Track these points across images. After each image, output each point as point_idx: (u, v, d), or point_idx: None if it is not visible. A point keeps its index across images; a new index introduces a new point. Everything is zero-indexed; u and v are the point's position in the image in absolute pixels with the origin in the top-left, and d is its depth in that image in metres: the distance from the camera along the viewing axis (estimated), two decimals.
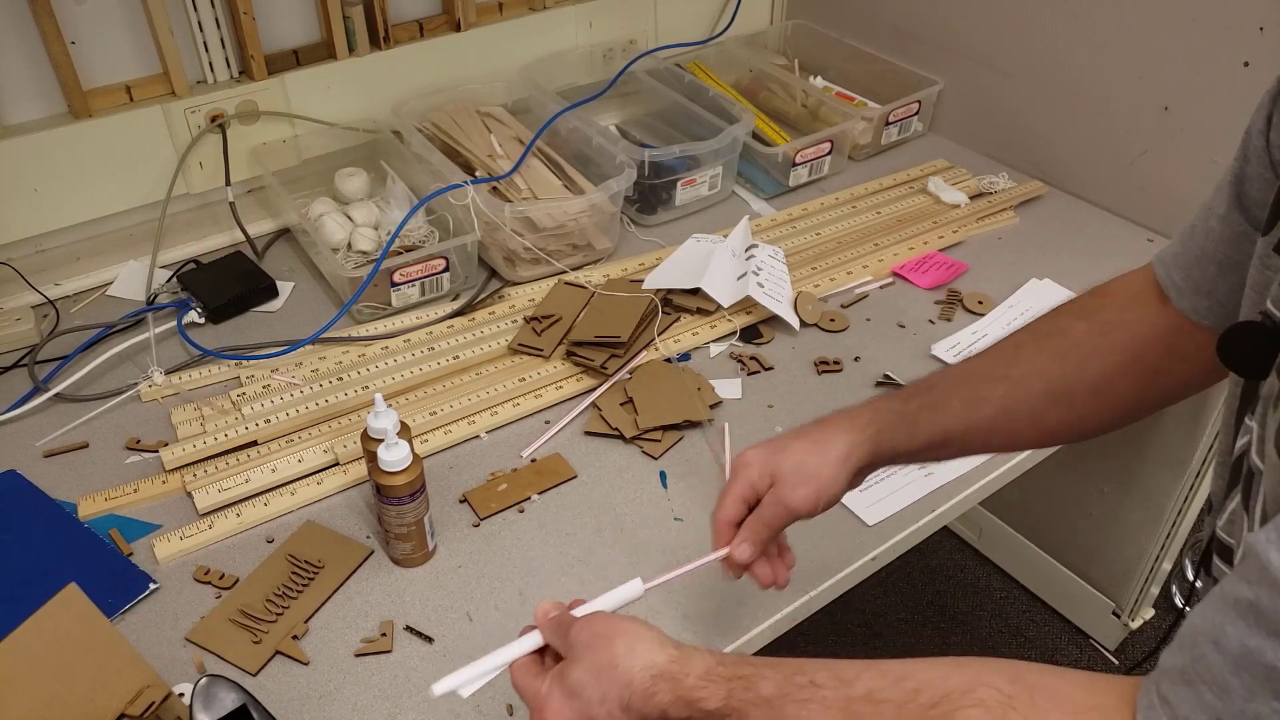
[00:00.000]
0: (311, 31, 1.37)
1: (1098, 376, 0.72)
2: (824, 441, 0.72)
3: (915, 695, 0.52)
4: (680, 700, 0.56)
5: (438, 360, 1.14)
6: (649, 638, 0.59)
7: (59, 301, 1.22)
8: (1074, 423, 0.74)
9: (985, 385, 0.74)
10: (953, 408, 0.73)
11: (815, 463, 0.71)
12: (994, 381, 0.74)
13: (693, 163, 1.37)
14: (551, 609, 0.65)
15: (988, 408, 0.73)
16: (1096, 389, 0.72)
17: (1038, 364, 0.73)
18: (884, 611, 1.83)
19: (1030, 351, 0.74)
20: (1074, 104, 1.42)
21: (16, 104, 1.20)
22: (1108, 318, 0.73)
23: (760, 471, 0.72)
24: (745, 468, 0.73)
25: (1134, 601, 1.67)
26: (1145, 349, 0.71)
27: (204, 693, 0.72)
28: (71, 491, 0.98)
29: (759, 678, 0.56)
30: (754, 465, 0.73)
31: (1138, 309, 0.72)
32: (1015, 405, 0.73)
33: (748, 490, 0.73)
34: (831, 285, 1.28)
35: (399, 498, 0.86)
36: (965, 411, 0.73)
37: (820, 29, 1.73)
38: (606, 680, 0.58)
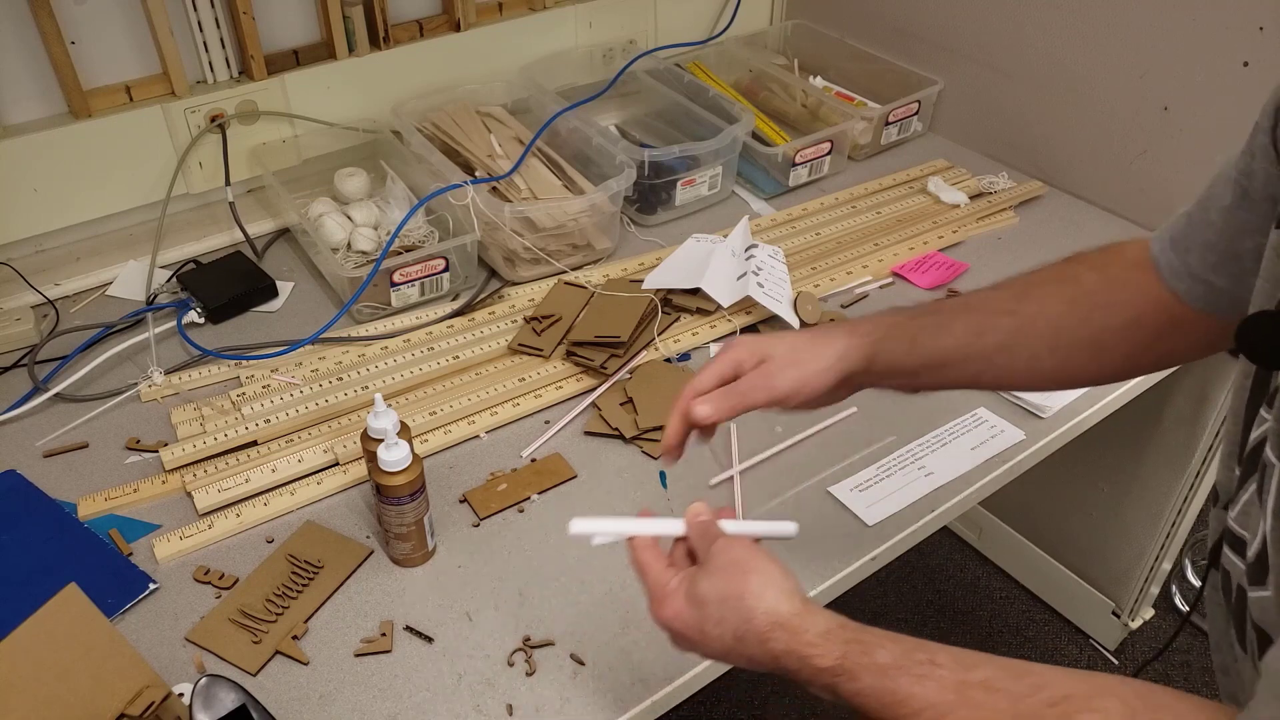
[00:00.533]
0: (311, 31, 1.37)
1: (1100, 329, 0.72)
2: (821, 335, 0.72)
3: (1035, 690, 0.52)
4: (793, 653, 0.58)
5: (438, 360, 1.14)
6: (781, 584, 0.61)
7: (59, 301, 1.22)
8: (1068, 371, 0.74)
9: (992, 316, 0.74)
10: (956, 331, 0.73)
11: (808, 351, 0.71)
12: (1001, 315, 0.74)
13: (693, 163, 1.37)
14: (703, 511, 0.67)
15: (990, 339, 0.73)
16: (1096, 341, 0.72)
17: (1047, 305, 0.73)
18: (884, 611, 1.83)
19: (1041, 293, 0.74)
20: (1074, 104, 1.42)
21: (16, 104, 1.20)
22: (1117, 274, 0.73)
23: (750, 351, 0.72)
24: (734, 347, 0.72)
25: (1134, 601, 1.67)
26: (1148, 312, 0.71)
27: (204, 693, 0.72)
28: (71, 491, 0.98)
29: (877, 645, 0.57)
30: (743, 345, 0.72)
31: (1142, 272, 0.72)
32: (1017, 342, 0.73)
33: (729, 367, 0.72)
34: (831, 285, 1.28)
35: (399, 498, 0.86)
36: (968, 338, 0.73)
37: (820, 29, 1.73)
38: (729, 608, 0.60)
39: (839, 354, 0.71)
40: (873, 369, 0.72)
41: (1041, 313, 0.73)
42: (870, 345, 0.72)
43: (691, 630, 0.62)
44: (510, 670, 0.83)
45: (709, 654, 0.63)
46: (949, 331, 0.73)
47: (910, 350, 0.73)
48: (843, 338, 0.72)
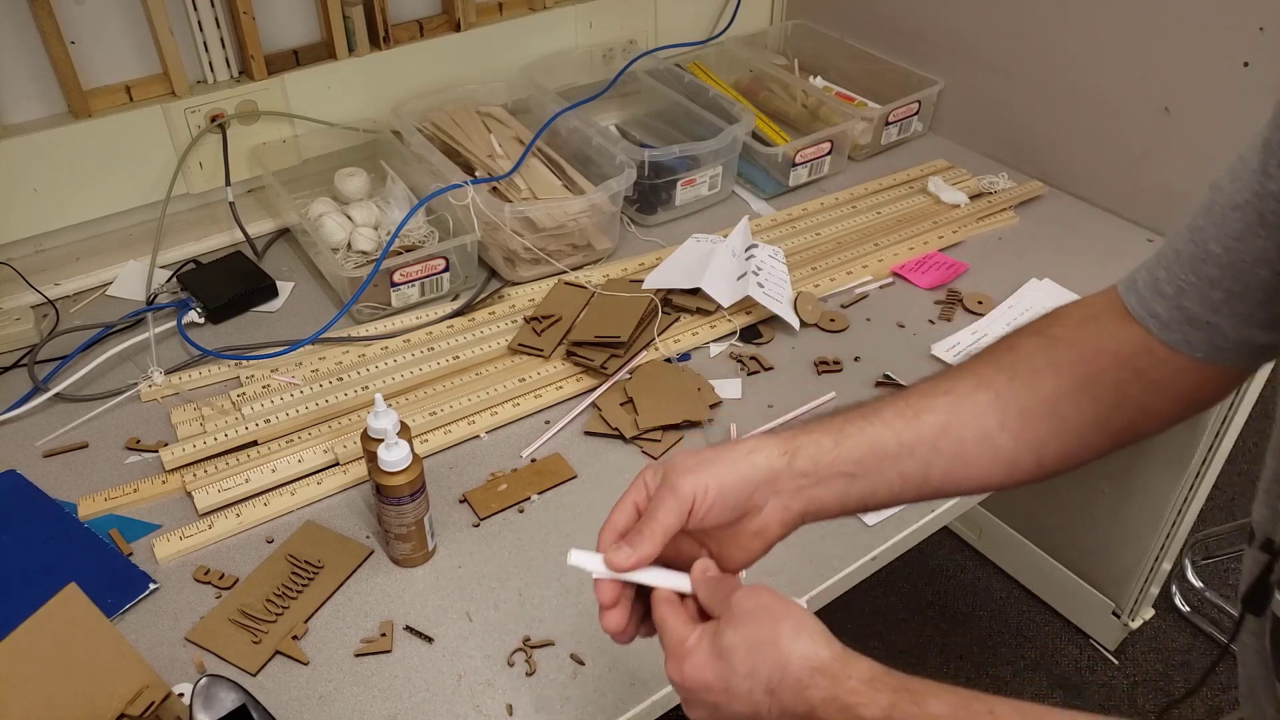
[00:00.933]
0: (311, 31, 1.37)
1: (1052, 393, 0.65)
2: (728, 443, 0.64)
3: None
4: (835, 701, 0.52)
5: (438, 360, 1.14)
6: (815, 629, 0.55)
7: (59, 301, 1.22)
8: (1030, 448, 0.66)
9: (924, 398, 0.66)
10: (885, 417, 0.65)
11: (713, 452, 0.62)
12: (935, 395, 0.66)
13: (693, 163, 1.37)
14: (710, 566, 0.61)
15: (928, 419, 0.64)
16: (1052, 408, 0.65)
17: (984, 375, 0.66)
18: (884, 611, 1.83)
19: (975, 366, 0.68)
20: (1074, 104, 1.42)
21: (16, 104, 1.20)
22: (1059, 333, 0.67)
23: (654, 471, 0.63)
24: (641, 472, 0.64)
25: (1134, 601, 1.67)
26: (1105, 367, 0.65)
27: (204, 693, 0.72)
28: (71, 491, 0.98)
29: (929, 694, 0.51)
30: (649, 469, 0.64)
31: (1093, 326, 0.67)
32: (960, 419, 0.65)
33: (639, 494, 0.63)
34: (831, 285, 1.28)
35: (399, 498, 0.86)
36: (900, 423, 0.64)
37: (820, 29, 1.73)
38: (761, 656, 0.54)
39: (748, 449, 0.62)
40: (796, 466, 0.62)
41: (979, 383, 0.66)
42: (786, 440, 0.63)
43: (717, 686, 0.56)
44: (510, 670, 0.83)
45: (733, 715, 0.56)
46: (878, 417, 0.65)
47: (837, 443, 0.63)
48: (755, 438, 0.64)
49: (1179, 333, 0.63)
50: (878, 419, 0.64)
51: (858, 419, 0.65)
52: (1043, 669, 1.73)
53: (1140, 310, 0.65)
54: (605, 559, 0.60)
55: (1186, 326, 0.63)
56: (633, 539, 0.60)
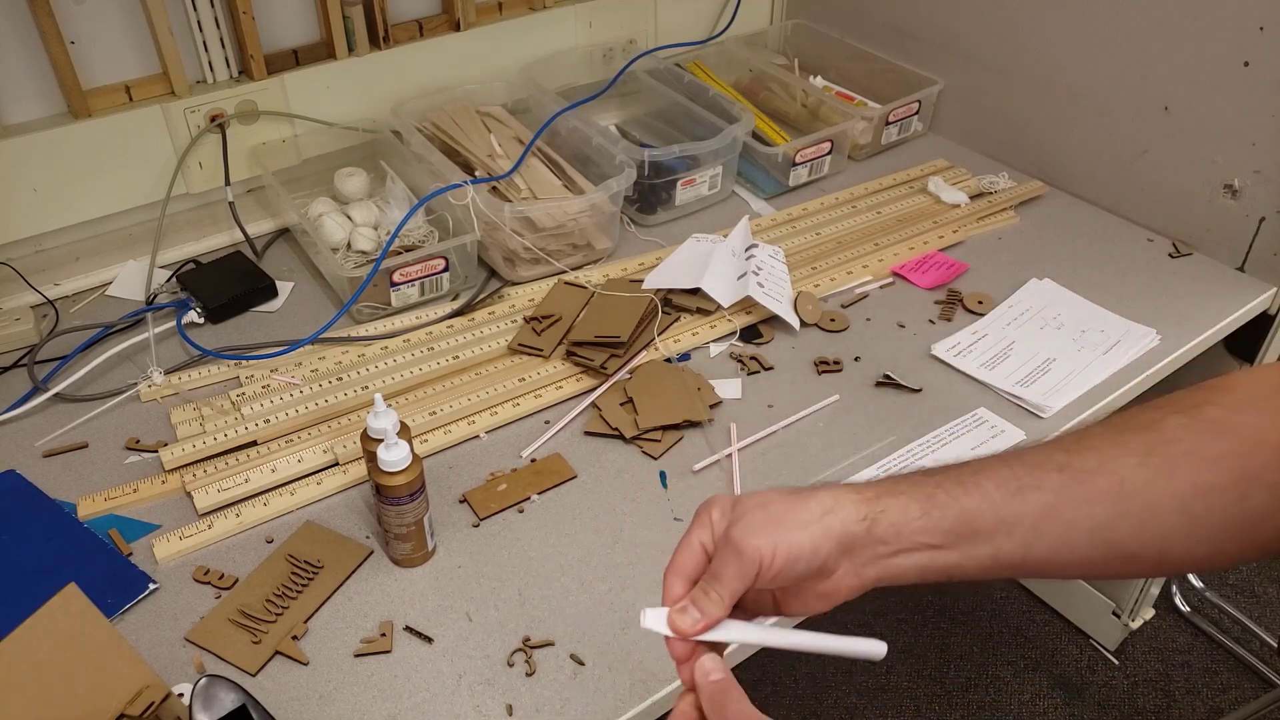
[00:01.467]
0: (311, 31, 1.37)
1: (1190, 487, 0.54)
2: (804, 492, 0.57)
3: None
4: None
5: (437, 360, 1.14)
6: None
7: (58, 301, 1.22)
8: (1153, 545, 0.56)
9: (1034, 471, 0.57)
10: (984, 488, 0.56)
11: (784, 506, 0.56)
12: (1047, 470, 0.56)
13: (693, 163, 1.37)
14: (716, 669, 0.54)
15: (1034, 498, 0.56)
16: (1185, 506, 0.55)
17: (1110, 457, 0.56)
18: (884, 611, 1.83)
19: (1103, 442, 0.57)
20: (1074, 104, 1.42)
21: (16, 104, 1.20)
22: (1216, 414, 0.56)
23: (721, 509, 0.58)
24: (707, 507, 0.59)
25: (1134, 601, 1.67)
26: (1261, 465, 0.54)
27: (203, 693, 0.72)
28: (71, 491, 0.98)
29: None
30: (717, 504, 0.58)
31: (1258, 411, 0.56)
32: (1072, 505, 0.56)
33: (705, 534, 0.58)
34: (831, 285, 1.28)
35: (399, 498, 0.86)
36: (1001, 496, 0.56)
37: (820, 29, 1.73)
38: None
39: (825, 507, 0.56)
40: (876, 534, 0.56)
41: (1103, 467, 0.56)
42: (869, 501, 0.56)
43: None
44: (510, 670, 0.83)
45: None
46: (976, 487, 0.56)
47: (926, 511, 0.56)
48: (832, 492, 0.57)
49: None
50: (976, 489, 0.56)
51: (953, 485, 0.57)
52: (1043, 669, 1.73)
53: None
54: (670, 622, 0.56)
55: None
56: (699, 601, 0.55)
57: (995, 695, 1.70)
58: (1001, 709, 1.68)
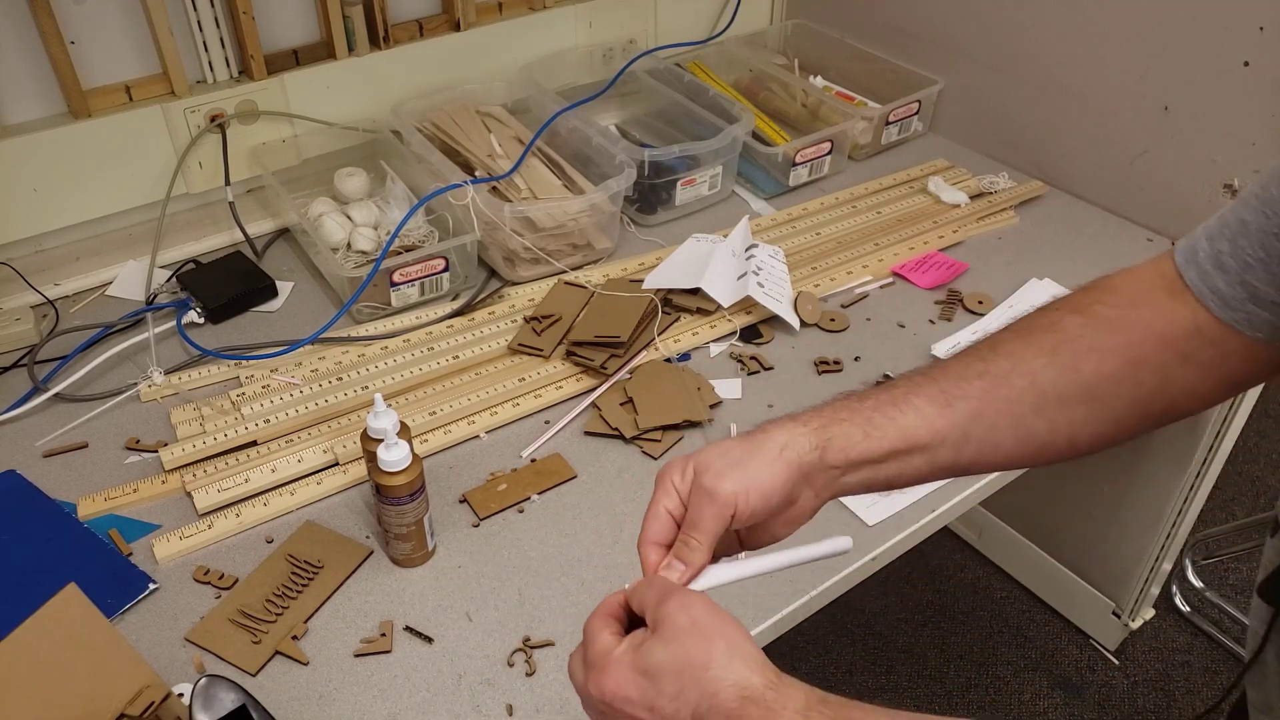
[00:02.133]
0: (311, 31, 1.37)
1: (1093, 377, 0.62)
2: (755, 434, 0.61)
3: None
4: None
5: (437, 360, 1.14)
6: (750, 653, 0.51)
7: (58, 301, 1.22)
8: (1064, 431, 0.63)
9: (957, 383, 0.63)
10: (916, 405, 0.62)
11: (743, 451, 0.59)
12: (967, 379, 0.63)
13: (693, 163, 1.37)
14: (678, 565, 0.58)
15: (961, 406, 0.62)
16: (1090, 392, 0.62)
17: (1022, 360, 0.63)
18: (884, 611, 1.83)
19: (1013, 346, 0.64)
20: (1074, 104, 1.42)
21: (16, 104, 1.20)
22: (1107, 313, 0.63)
23: (681, 469, 0.60)
24: (666, 472, 0.61)
25: (1134, 601, 1.67)
26: (1151, 351, 0.62)
27: (203, 693, 0.72)
28: (71, 491, 0.98)
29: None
30: (674, 466, 0.61)
31: (1145, 307, 0.63)
32: (994, 407, 0.62)
33: (672, 500, 0.60)
34: (831, 285, 1.28)
35: (399, 498, 0.86)
36: (932, 411, 0.62)
37: (820, 29, 1.73)
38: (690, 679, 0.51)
39: (780, 444, 0.60)
40: (827, 459, 0.60)
41: (1017, 368, 0.62)
42: (816, 432, 0.61)
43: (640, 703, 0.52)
44: (510, 670, 0.83)
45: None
46: (908, 405, 0.62)
47: (868, 433, 0.61)
48: (781, 428, 0.61)
49: (1240, 311, 0.59)
50: (909, 407, 0.62)
51: (888, 406, 0.62)
52: (1043, 669, 1.73)
53: (1200, 285, 0.61)
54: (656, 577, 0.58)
55: (1250, 305, 0.59)
56: (681, 552, 0.58)
57: (995, 695, 1.70)
58: (1001, 709, 1.68)
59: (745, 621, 0.88)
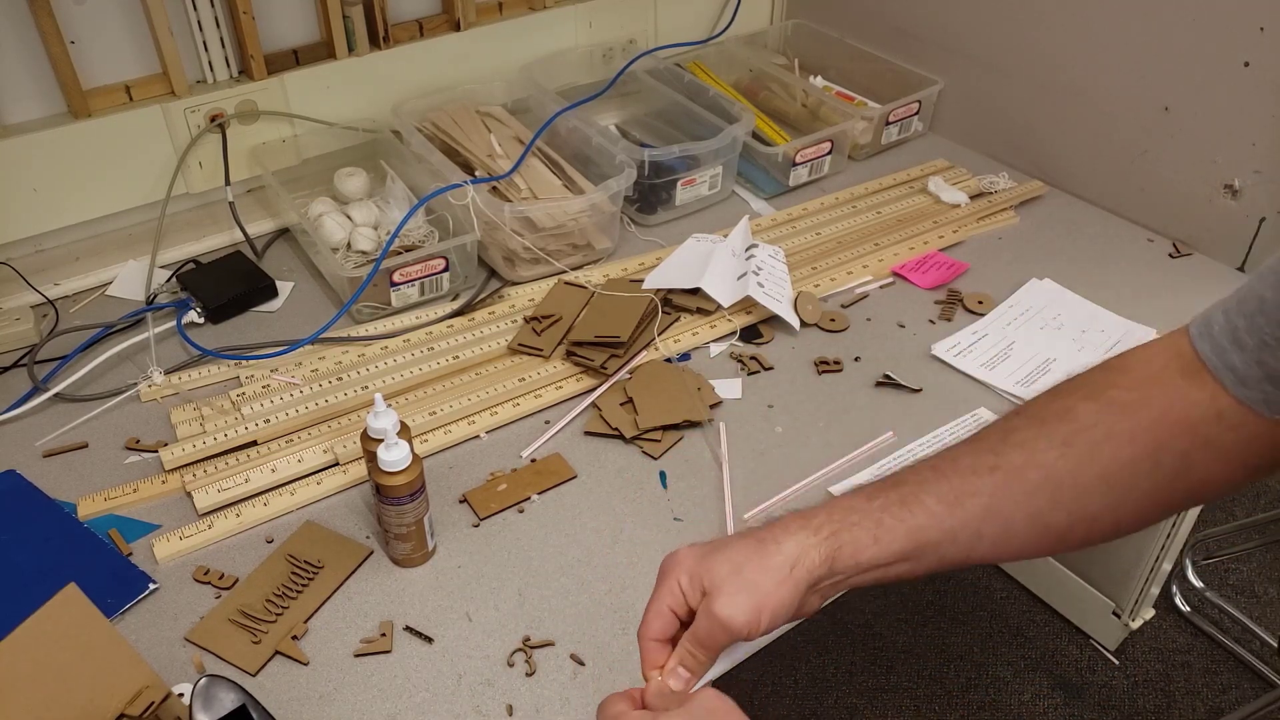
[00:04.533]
0: (311, 31, 1.37)
1: (1110, 465, 0.60)
2: (768, 543, 0.60)
3: None
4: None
5: (437, 360, 1.14)
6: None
7: (58, 301, 1.22)
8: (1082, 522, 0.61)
9: (968, 478, 0.61)
10: (927, 505, 0.61)
11: (755, 569, 0.59)
12: (979, 474, 0.61)
13: (693, 163, 1.37)
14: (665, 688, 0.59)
15: (972, 505, 0.60)
16: (1108, 482, 0.60)
17: (1036, 451, 0.61)
18: (884, 611, 1.83)
19: (1025, 436, 0.62)
20: (1074, 104, 1.42)
21: (16, 104, 1.20)
22: (1123, 397, 0.61)
23: (690, 576, 0.60)
24: (672, 570, 0.61)
25: (1134, 601, 1.67)
26: (1169, 436, 0.59)
27: (203, 693, 0.72)
28: (71, 491, 0.98)
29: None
30: (682, 567, 0.60)
31: (1160, 389, 0.60)
32: (1008, 502, 0.60)
33: (675, 600, 0.60)
34: (831, 285, 1.28)
35: (399, 498, 0.86)
36: (943, 510, 0.60)
37: (820, 29, 1.73)
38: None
39: (791, 560, 0.59)
40: (836, 569, 0.60)
41: (1030, 461, 0.61)
42: (827, 542, 0.60)
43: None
44: (510, 670, 0.83)
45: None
46: (919, 506, 0.61)
47: (877, 537, 0.60)
48: (792, 538, 0.60)
49: (1257, 390, 0.57)
50: (919, 507, 0.61)
51: (897, 506, 0.61)
52: (1043, 669, 1.73)
53: (1215, 361, 0.59)
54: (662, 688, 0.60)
55: (1266, 384, 0.57)
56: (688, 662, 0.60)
57: (995, 695, 1.70)
58: (1001, 709, 1.68)
59: None
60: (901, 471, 0.64)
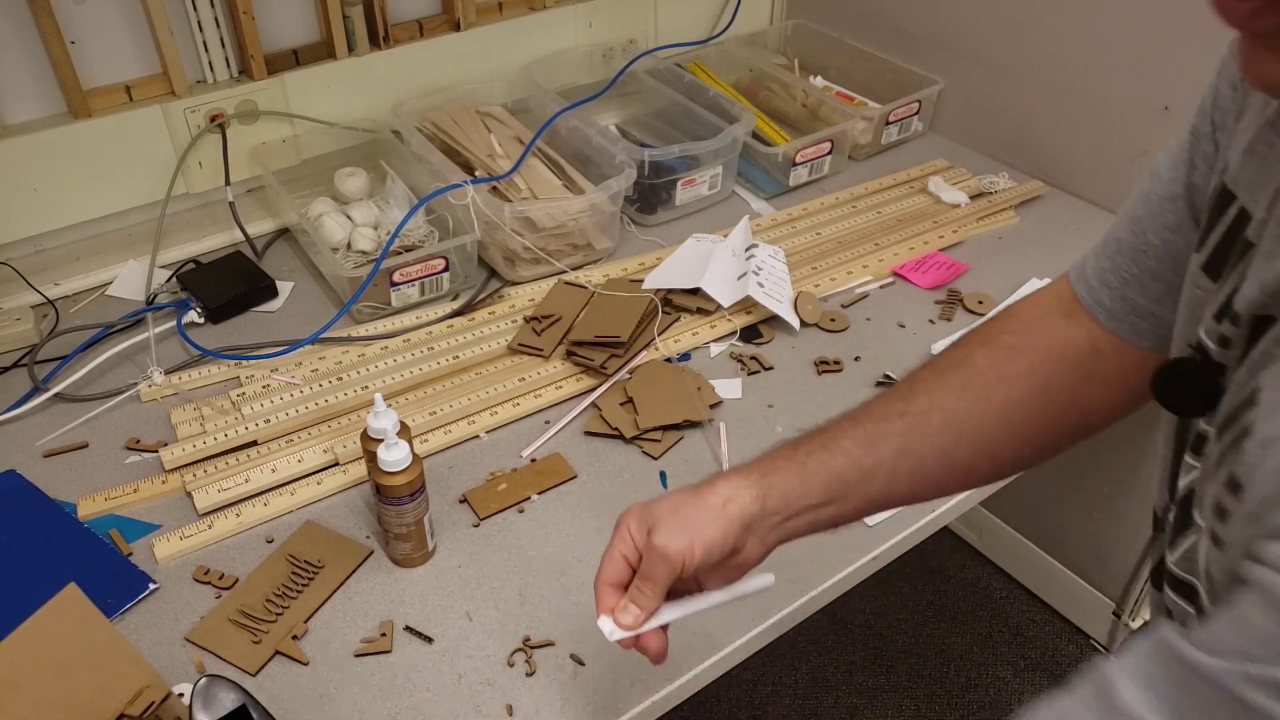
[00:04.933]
0: (311, 31, 1.37)
1: (1003, 404, 0.66)
2: (703, 489, 0.66)
3: None
4: None
5: (437, 360, 1.14)
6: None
7: (59, 301, 1.22)
8: (987, 458, 0.68)
9: (880, 423, 0.67)
10: (844, 448, 0.66)
11: (691, 507, 0.64)
12: (889, 419, 0.67)
13: (693, 163, 1.37)
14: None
15: (885, 446, 0.66)
16: (1004, 419, 0.66)
17: (936, 397, 0.67)
18: (884, 611, 1.83)
19: (928, 385, 0.68)
20: (1074, 104, 1.42)
21: (16, 104, 1.20)
22: (1010, 341, 0.68)
23: (638, 521, 0.65)
24: (623, 520, 0.67)
25: (1134, 601, 1.67)
26: (1055, 372, 0.66)
27: (204, 693, 0.72)
28: (71, 491, 0.98)
29: None
30: (631, 515, 0.66)
31: (1044, 330, 0.67)
32: (918, 443, 0.66)
33: (627, 546, 0.66)
34: (831, 285, 1.28)
35: (399, 498, 0.86)
36: (859, 452, 0.66)
37: (820, 29, 1.73)
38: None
39: (723, 498, 0.64)
40: (768, 508, 0.65)
41: (933, 405, 0.67)
42: (755, 483, 0.65)
43: None
44: (510, 670, 0.83)
45: None
46: (837, 449, 0.66)
47: (804, 480, 0.65)
48: (724, 483, 0.65)
49: (1126, 323, 0.65)
50: (838, 450, 0.66)
51: (819, 451, 0.66)
52: (1043, 669, 1.73)
53: (1089, 300, 0.66)
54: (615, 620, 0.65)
55: (1133, 317, 0.64)
56: (635, 598, 0.64)
57: (995, 695, 1.70)
58: (1001, 709, 1.68)
59: (746, 622, 0.88)
60: (823, 424, 0.69)
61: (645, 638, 0.65)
